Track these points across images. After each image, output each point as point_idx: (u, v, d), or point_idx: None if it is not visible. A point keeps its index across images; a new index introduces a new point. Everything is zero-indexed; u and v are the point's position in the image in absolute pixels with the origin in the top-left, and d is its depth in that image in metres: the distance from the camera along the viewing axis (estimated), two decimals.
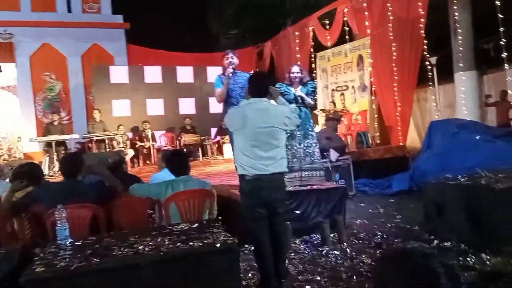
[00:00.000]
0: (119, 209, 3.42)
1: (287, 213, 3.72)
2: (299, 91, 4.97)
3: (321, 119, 10.47)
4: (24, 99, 11.79)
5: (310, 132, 5.07)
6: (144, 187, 3.49)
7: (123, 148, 9.82)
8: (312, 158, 5.03)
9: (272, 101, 3.33)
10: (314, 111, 9.79)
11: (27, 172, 3.60)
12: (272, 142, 3.15)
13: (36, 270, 2.15)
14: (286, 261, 3.55)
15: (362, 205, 6.14)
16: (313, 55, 11.77)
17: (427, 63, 8.71)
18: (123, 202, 3.45)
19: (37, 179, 3.63)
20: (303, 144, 5.00)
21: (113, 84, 11.38)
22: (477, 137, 6.37)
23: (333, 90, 10.93)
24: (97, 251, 2.39)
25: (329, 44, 10.93)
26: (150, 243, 2.45)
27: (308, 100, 4.99)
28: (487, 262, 3.35)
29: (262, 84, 3.33)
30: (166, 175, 3.85)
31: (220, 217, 3.19)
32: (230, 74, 4.78)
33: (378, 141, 9.44)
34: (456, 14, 8.31)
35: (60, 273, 2.14)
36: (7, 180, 4.48)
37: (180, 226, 2.86)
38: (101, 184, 3.51)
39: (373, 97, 9.63)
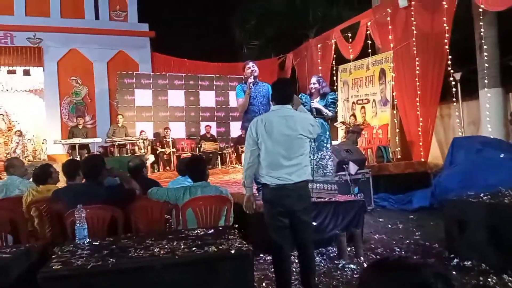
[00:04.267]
0: (137, 212, 3.46)
1: None
2: (315, 103, 4.93)
3: (341, 131, 10.41)
4: (51, 103, 12.12)
5: (325, 144, 4.99)
6: (163, 191, 3.50)
7: (144, 154, 9.98)
8: (324, 171, 4.97)
9: None
10: (335, 124, 9.75)
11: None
12: (297, 150, 3.04)
13: (53, 267, 2.19)
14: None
15: (380, 220, 6.04)
16: (334, 68, 11.75)
17: (451, 78, 8.56)
18: (141, 205, 3.49)
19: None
20: (316, 155, 4.94)
21: (137, 91, 11.64)
22: (501, 155, 6.22)
23: (353, 103, 10.86)
24: (114, 251, 2.43)
25: (351, 57, 10.89)
26: (166, 246, 2.47)
27: (326, 111, 4.93)
28: (509, 284, 3.25)
29: (285, 90, 3.24)
30: (183, 181, 3.89)
31: (236, 225, 3.18)
32: (251, 84, 4.78)
33: (399, 156, 9.30)
34: (482, 29, 8.16)
35: (76, 271, 2.17)
36: (31, 179, 4.60)
37: (196, 231, 2.87)
38: (121, 187, 3.56)
39: (394, 111, 9.53)
